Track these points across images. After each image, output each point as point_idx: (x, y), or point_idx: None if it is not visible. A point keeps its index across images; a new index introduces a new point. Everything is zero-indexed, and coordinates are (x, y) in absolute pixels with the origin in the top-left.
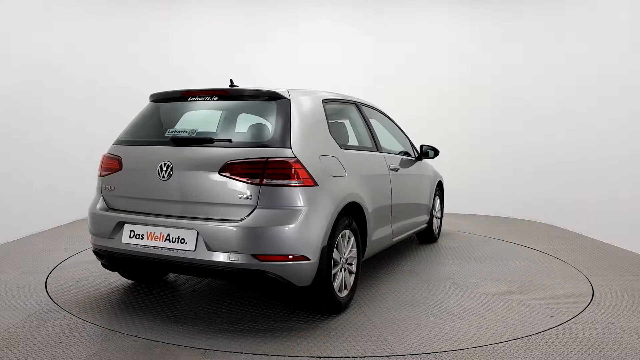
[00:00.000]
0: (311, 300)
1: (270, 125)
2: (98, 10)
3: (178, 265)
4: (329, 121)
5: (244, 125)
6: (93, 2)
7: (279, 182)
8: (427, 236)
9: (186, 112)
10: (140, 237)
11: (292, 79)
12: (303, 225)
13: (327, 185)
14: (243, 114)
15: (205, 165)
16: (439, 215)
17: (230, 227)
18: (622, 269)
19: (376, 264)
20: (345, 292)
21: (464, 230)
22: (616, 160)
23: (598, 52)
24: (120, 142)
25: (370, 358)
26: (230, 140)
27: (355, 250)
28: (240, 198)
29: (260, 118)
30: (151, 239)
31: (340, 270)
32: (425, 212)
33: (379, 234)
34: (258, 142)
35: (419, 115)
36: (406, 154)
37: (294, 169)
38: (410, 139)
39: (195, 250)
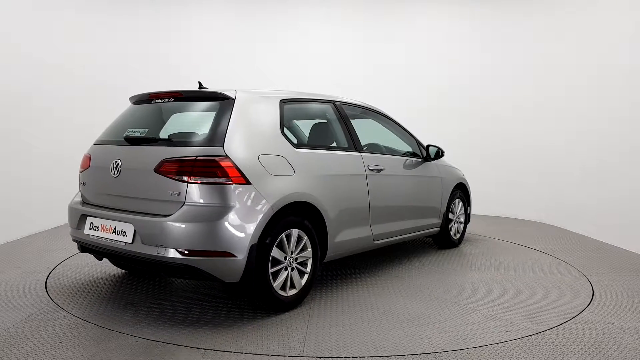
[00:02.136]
0: (248, 296)
1: (210, 125)
2: (98, 11)
3: (122, 256)
4: (285, 121)
5: (189, 125)
6: (93, 2)
7: (207, 179)
8: (444, 241)
9: (149, 113)
10: (97, 229)
11: (291, 80)
12: (229, 222)
13: (264, 184)
14: (192, 114)
15: (145, 163)
16: (461, 219)
17: (159, 222)
18: (622, 269)
19: (363, 265)
20: (292, 292)
21: (484, 234)
22: (616, 160)
23: (598, 53)
24: (96, 142)
25: (371, 358)
26: (170, 140)
27: (310, 250)
28: (171, 194)
29: (205, 118)
30: (104, 231)
31: (285, 269)
32: (434, 215)
33: (349, 236)
34: (193, 141)
35: (419, 115)
36: (414, 154)
37: (222, 167)
38: (419, 140)
39: (132, 243)
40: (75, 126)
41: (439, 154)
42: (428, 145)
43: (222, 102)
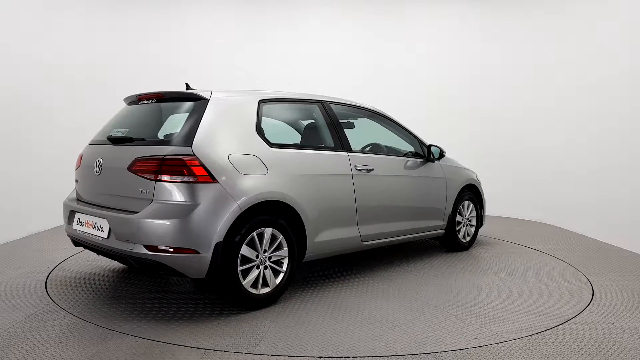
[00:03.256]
0: (218, 292)
1: (182, 125)
2: (98, 11)
3: (100, 250)
4: (263, 121)
5: (167, 125)
6: (93, 3)
7: (174, 178)
8: (452, 243)
9: (135, 114)
10: (82, 224)
11: (291, 80)
12: (193, 220)
13: (232, 183)
14: (172, 114)
15: (122, 162)
16: (472, 222)
17: (128, 219)
18: (622, 269)
19: (356, 265)
20: (265, 290)
21: (498, 237)
22: (616, 160)
23: (598, 53)
24: (90, 142)
25: (372, 358)
26: (144, 139)
27: (286, 249)
28: (141, 192)
29: (181, 118)
30: (87, 227)
31: (257, 268)
32: (437, 217)
33: (332, 236)
34: (164, 141)
35: (419, 115)
36: (416, 155)
37: (188, 166)
38: (423, 140)
39: (108, 238)
40: (75, 126)
41: (440, 154)
42: (429, 146)
43: (197, 103)
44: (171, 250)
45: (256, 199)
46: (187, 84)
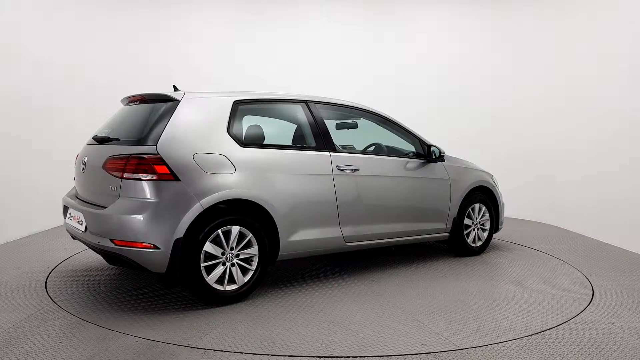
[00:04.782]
0: (184, 287)
1: (152, 125)
2: (98, 11)
3: (82, 242)
4: (235, 121)
5: (147, 126)
6: (93, 3)
7: (137, 176)
8: (460, 248)
9: (124, 115)
10: (71, 218)
11: (291, 81)
12: (153, 216)
13: (195, 181)
14: (150, 116)
15: (99, 160)
16: (485, 226)
17: (97, 214)
18: (622, 269)
19: (350, 266)
20: (232, 287)
21: (515, 241)
22: (616, 160)
23: (598, 53)
24: (87, 142)
25: (372, 358)
26: (118, 139)
27: (256, 247)
28: (110, 189)
29: (154, 119)
30: (74, 221)
31: (223, 265)
32: (438, 220)
33: (309, 235)
34: (134, 140)
35: (419, 115)
36: (418, 155)
37: (151, 164)
38: (425, 140)
39: (85, 231)
40: (75, 126)
41: (439, 155)
42: (429, 146)
43: (169, 104)
44: (133, 244)
45: (220, 197)
46: (174, 86)
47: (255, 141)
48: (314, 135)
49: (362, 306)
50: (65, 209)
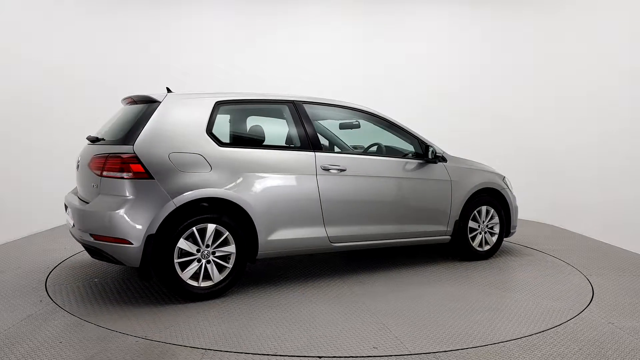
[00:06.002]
0: (159, 282)
1: (133, 125)
2: (98, 11)
3: (73, 237)
4: (216, 121)
5: (126, 126)
6: (93, 3)
7: (114, 174)
8: (464, 251)
9: (120, 116)
10: (68, 215)
11: (291, 81)
12: (126, 212)
13: (169, 180)
14: (134, 116)
15: (87, 159)
16: (494, 229)
17: (78, 209)
18: (622, 269)
19: (344, 266)
20: (207, 283)
21: (529, 244)
22: (616, 160)
23: (598, 52)
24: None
25: (373, 357)
26: (103, 139)
27: (233, 245)
28: (93, 186)
29: (135, 119)
30: (69, 217)
31: (199, 261)
32: (437, 222)
33: (290, 235)
34: (115, 140)
35: (417, 115)
36: (417, 156)
37: (126, 163)
38: (425, 140)
39: (73, 226)
40: (75, 126)
41: (434, 155)
42: (427, 146)
43: (151, 105)
44: (109, 239)
45: (194, 195)
46: (167, 88)
47: (236, 141)
48: (299, 135)
49: (333, 307)
50: (65, 206)
